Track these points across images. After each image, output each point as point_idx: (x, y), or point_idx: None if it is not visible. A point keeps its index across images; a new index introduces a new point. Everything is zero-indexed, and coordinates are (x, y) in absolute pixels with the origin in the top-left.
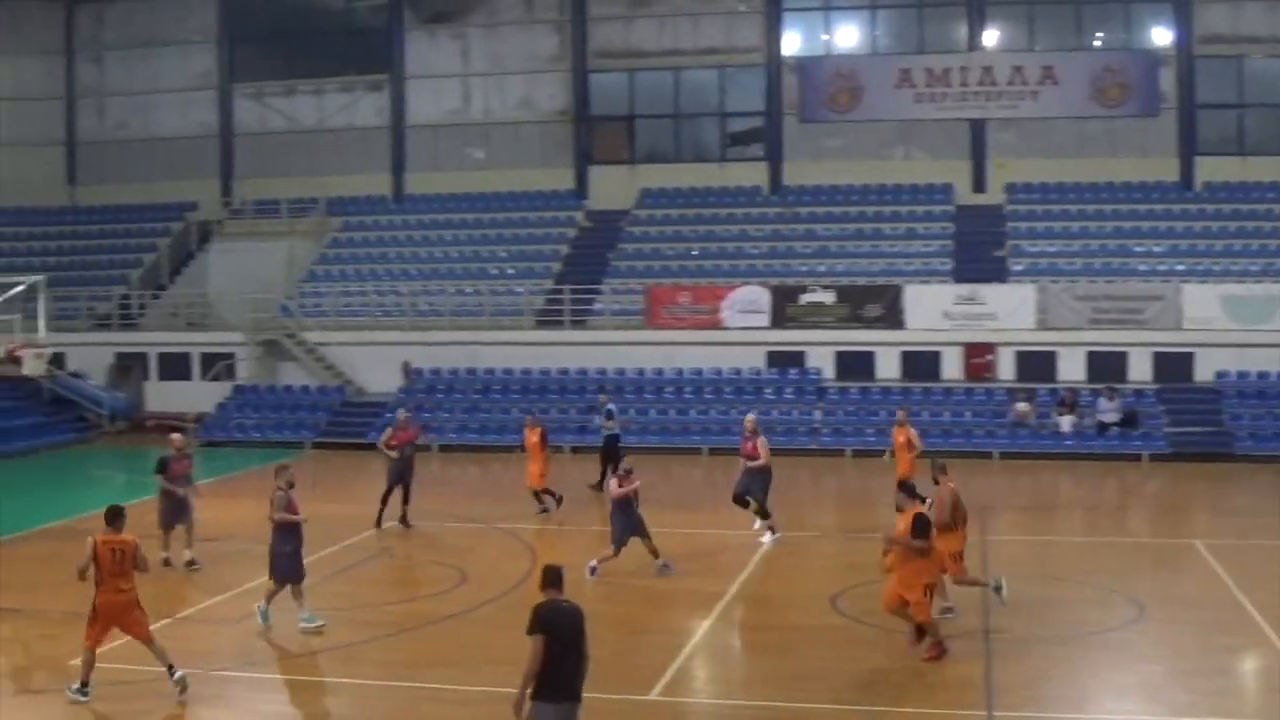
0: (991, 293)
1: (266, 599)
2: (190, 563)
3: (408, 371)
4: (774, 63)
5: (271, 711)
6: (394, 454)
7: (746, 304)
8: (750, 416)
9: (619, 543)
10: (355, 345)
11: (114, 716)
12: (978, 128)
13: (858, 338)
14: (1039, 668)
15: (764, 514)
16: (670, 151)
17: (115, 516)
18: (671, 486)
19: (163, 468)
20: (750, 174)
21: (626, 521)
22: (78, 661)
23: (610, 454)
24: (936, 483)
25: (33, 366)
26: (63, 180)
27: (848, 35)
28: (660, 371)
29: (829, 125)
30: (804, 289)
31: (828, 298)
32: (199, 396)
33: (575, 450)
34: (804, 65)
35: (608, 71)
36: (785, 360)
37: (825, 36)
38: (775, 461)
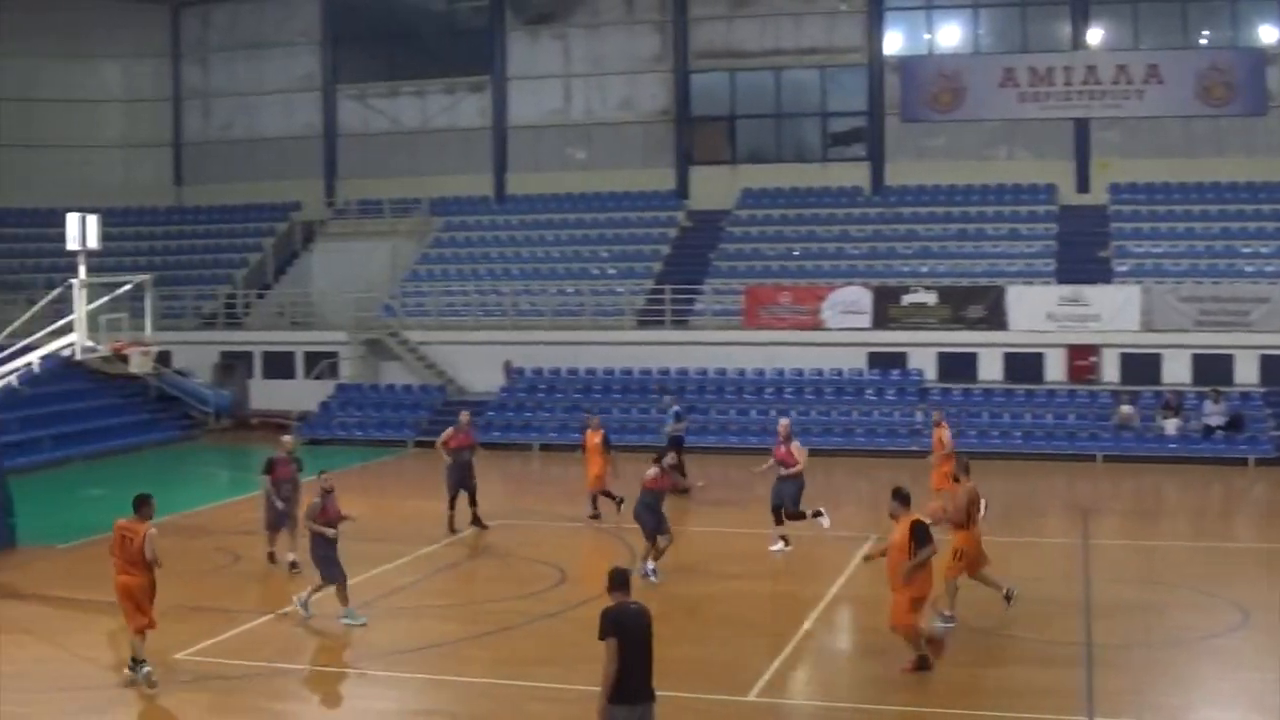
0: (1095, 294)
1: (309, 592)
2: (293, 564)
3: (509, 371)
4: (876, 62)
5: (373, 708)
6: (449, 457)
7: (847, 304)
8: (784, 420)
9: (652, 537)
10: (457, 344)
11: (217, 709)
12: (1081, 127)
13: (960, 339)
14: (1141, 674)
15: (784, 519)
16: (771, 151)
17: (139, 504)
18: (770, 488)
19: (270, 469)
20: (852, 174)
21: (656, 513)
22: (182, 655)
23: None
24: (957, 480)
25: (140, 364)
26: (170, 181)
27: (950, 34)
28: (761, 372)
29: (931, 125)
30: (906, 290)
31: (930, 298)
32: (302, 395)
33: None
34: (906, 65)
35: (709, 71)
36: (886, 361)
37: (927, 36)
38: (877, 463)
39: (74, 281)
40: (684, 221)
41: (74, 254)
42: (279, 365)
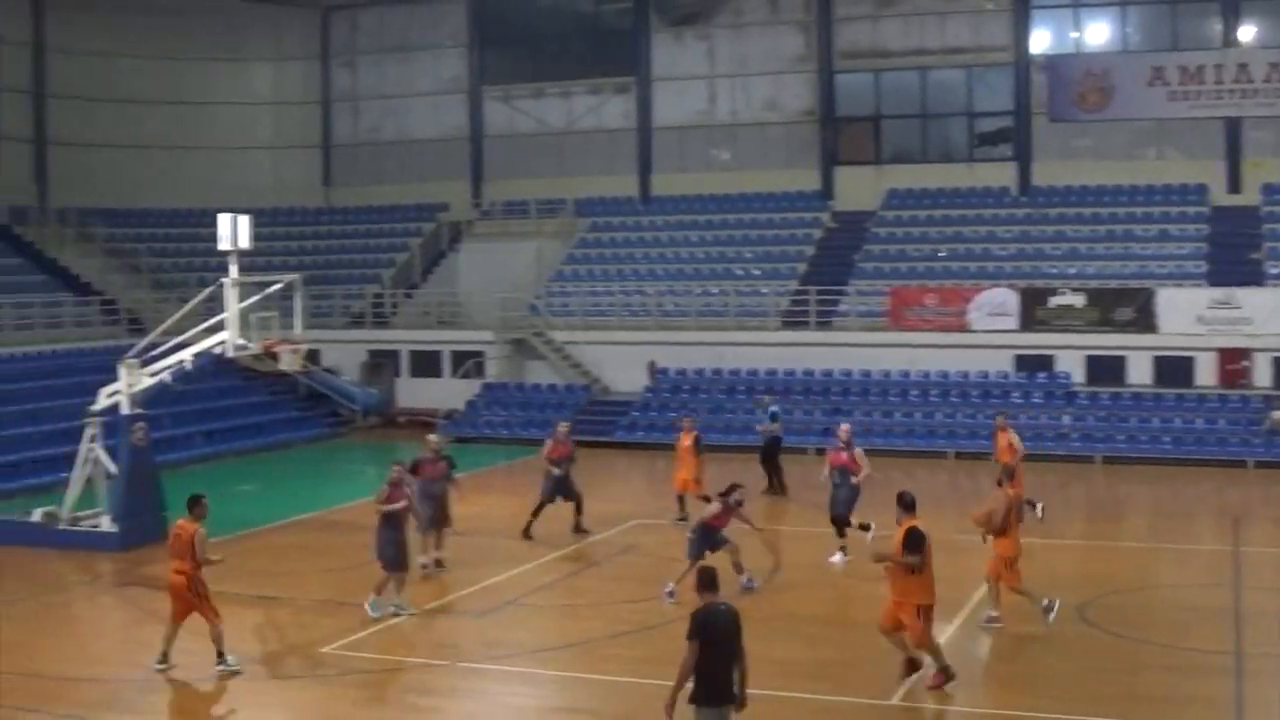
0: (1248, 296)
1: (376, 591)
2: (437, 563)
3: (653, 371)
4: (1022, 61)
5: (516, 704)
6: (557, 470)
7: (994, 306)
8: (845, 425)
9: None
10: (602, 344)
11: (364, 703)
12: (1233, 126)
13: (1108, 341)
14: None
15: (844, 529)
16: (917, 152)
17: (191, 505)
18: (915, 490)
19: (415, 469)
20: (998, 174)
21: (704, 547)
22: (329, 649)
23: (771, 457)
24: (1000, 485)
25: (289, 362)
26: (319, 182)
27: (1098, 33)
28: (905, 374)
29: (1079, 125)
30: (1053, 291)
31: (1078, 300)
32: (449, 393)
33: (819, 452)
34: (1053, 63)
35: (854, 72)
36: (1033, 364)
37: (1075, 34)
38: (1024, 467)
39: (225, 281)
40: (828, 222)
41: (226, 254)
42: (426, 364)
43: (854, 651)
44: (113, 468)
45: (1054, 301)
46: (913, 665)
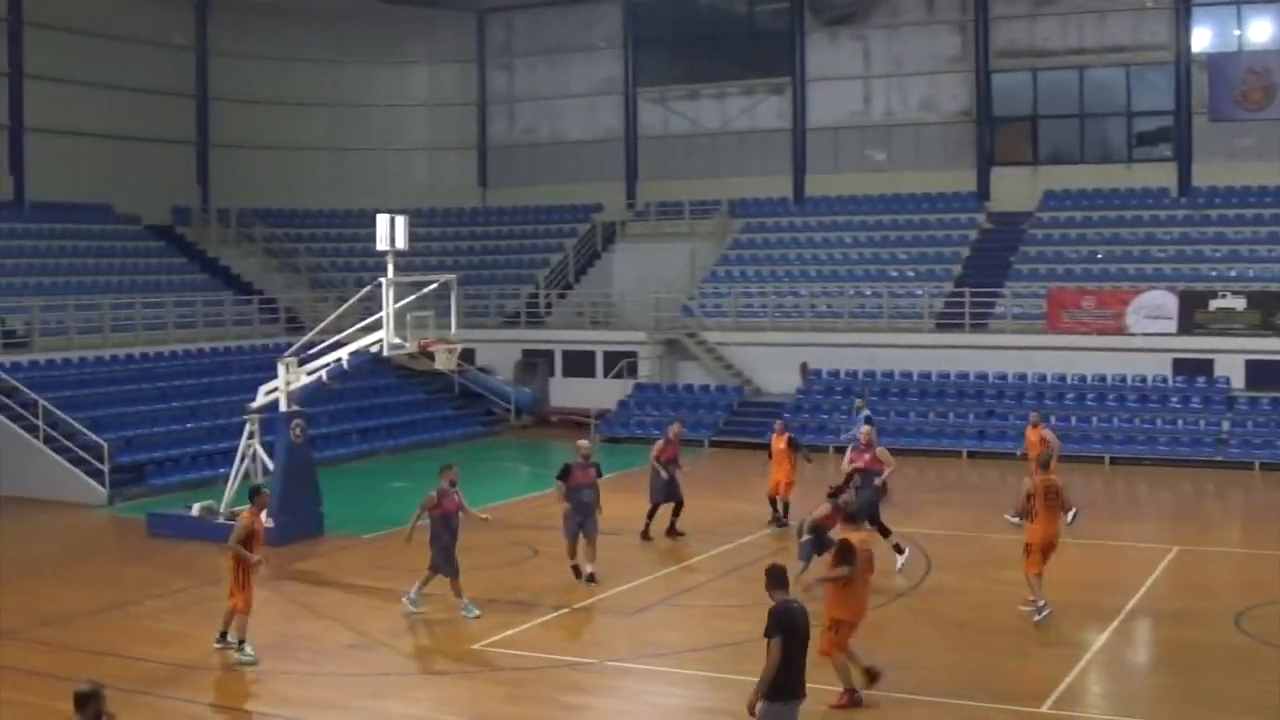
0: None
1: (421, 584)
2: (590, 577)
3: (805, 372)
4: (1183, 60)
5: (663, 704)
6: (663, 471)
7: (1152, 309)
8: (867, 427)
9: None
10: (754, 345)
11: (512, 699)
12: None
13: (1270, 346)
14: None
15: (885, 531)
16: (1074, 152)
17: (251, 495)
18: (1072, 496)
19: (565, 474)
20: (1158, 175)
21: (815, 548)
22: (479, 646)
23: None
24: (1037, 472)
25: (444, 361)
26: (475, 182)
27: (1261, 30)
28: (1061, 377)
29: (1240, 124)
30: (1214, 294)
31: (1239, 304)
32: (601, 393)
33: (971, 455)
34: (1214, 62)
35: (1011, 71)
36: (1192, 368)
37: (1237, 32)
38: (1181, 474)
39: (382, 280)
40: (984, 223)
41: (383, 254)
42: (579, 364)
43: (1003, 657)
44: (270, 464)
45: (1214, 304)
46: (871, 675)
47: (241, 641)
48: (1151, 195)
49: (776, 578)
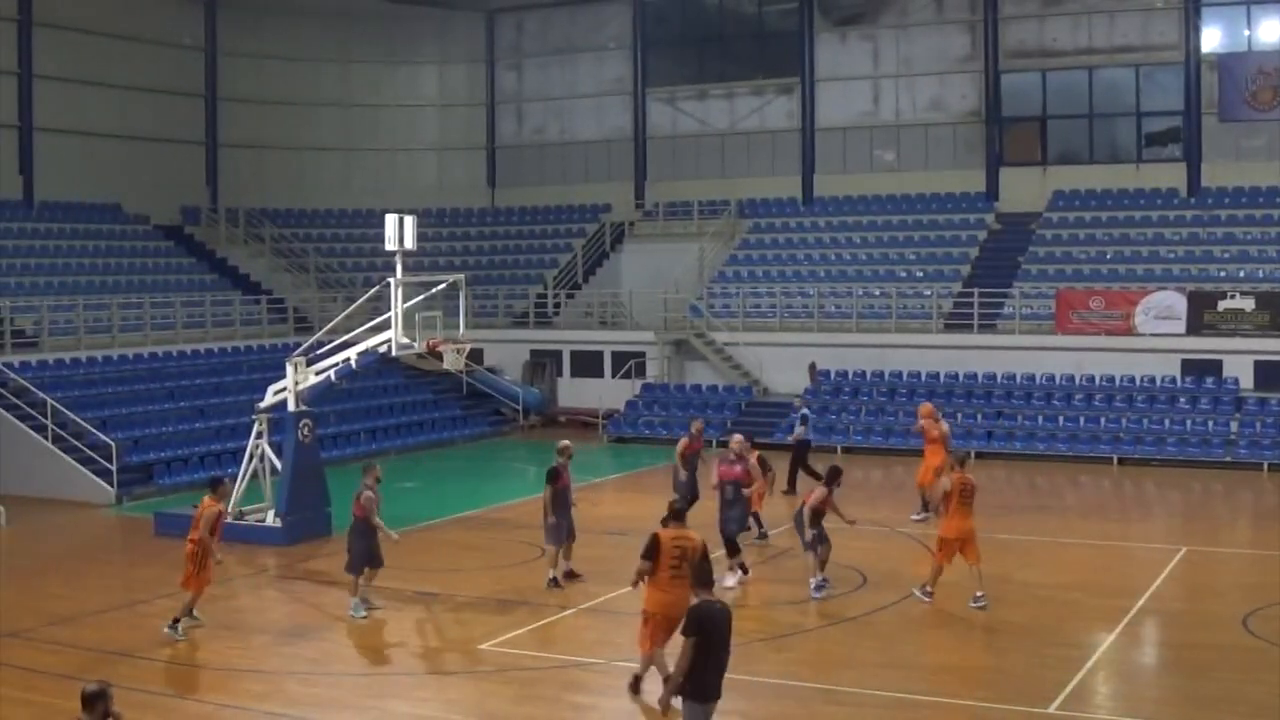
0: None
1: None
2: (569, 574)
3: (813, 372)
4: (1192, 60)
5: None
6: (684, 469)
7: (1161, 310)
8: (738, 436)
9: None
10: (762, 346)
11: (520, 700)
12: None
13: (1278, 346)
14: None
15: (737, 549)
16: (1084, 152)
17: (213, 485)
18: (1080, 496)
19: (555, 477)
20: (1167, 175)
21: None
22: (487, 646)
23: (800, 460)
24: (953, 469)
25: (452, 361)
26: (483, 183)
27: (1271, 30)
28: (1070, 378)
29: (1250, 124)
30: (1223, 295)
31: (1247, 304)
32: (609, 393)
33: (979, 456)
34: (1224, 62)
35: (1020, 71)
36: (1201, 369)
37: (1246, 32)
38: (1189, 474)
39: (391, 280)
40: (993, 224)
41: (391, 254)
42: (587, 364)
43: (1010, 658)
44: (279, 463)
45: (1223, 305)
46: (634, 685)
47: (176, 620)
48: (1161, 196)
49: (701, 577)
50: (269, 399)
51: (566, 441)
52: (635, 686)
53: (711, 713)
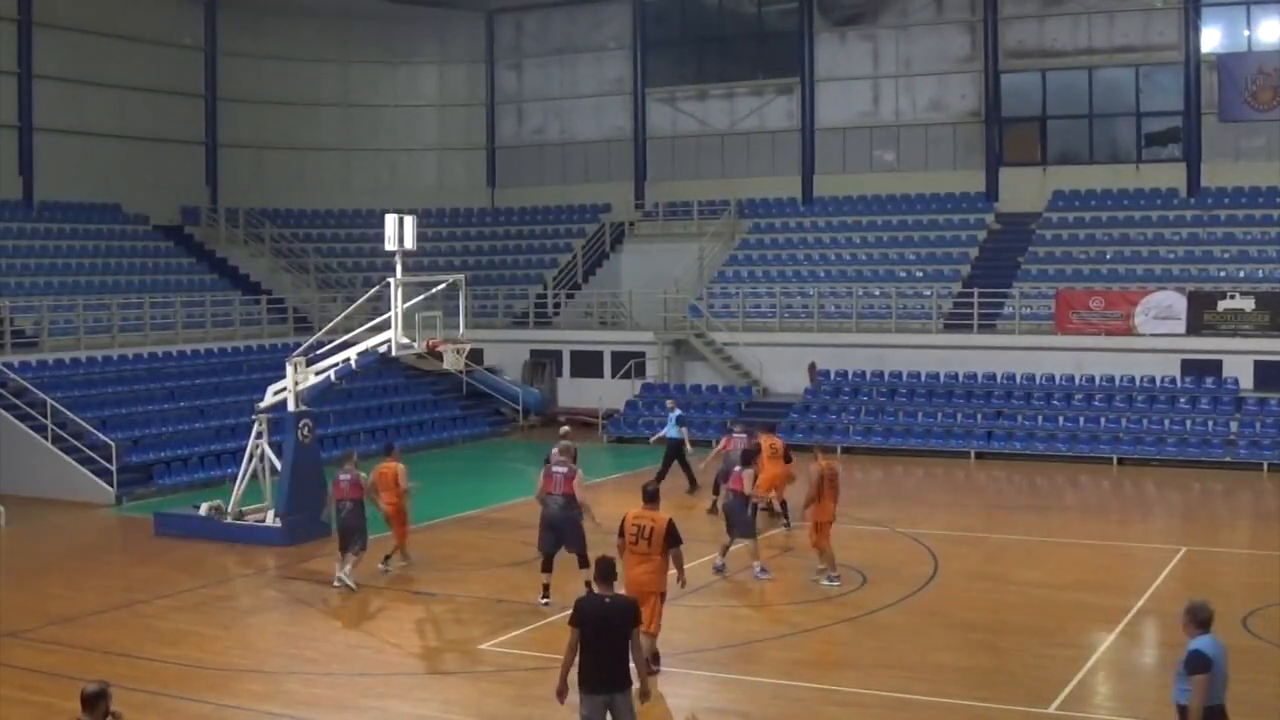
0: None
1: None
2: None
3: (813, 372)
4: (1192, 60)
5: (670, 704)
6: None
7: (1161, 310)
8: (565, 443)
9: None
10: (762, 346)
11: (520, 700)
12: None
13: (1278, 346)
14: None
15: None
16: (1083, 153)
17: (386, 450)
18: (1080, 496)
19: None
20: (1166, 176)
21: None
22: (487, 646)
23: (671, 458)
24: (816, 459)
25: (451, 361)
26: (483, 183)
27: (1271, 30)
28: (1070, 378)
29: (1250, 124)
30: (1222, 295)
31: (1247, 304)
32: (609, 393)
33: (979, 456)
34: (1224, 62)
35: (1020, 72)
36: (1201, 368)
37: (1246, 32)
38: (1189, 474)
39: (391, 280)
40: (993, 224)
41: (391, 254)
42: (587, 364)
43: (1010, 658)
44: (278, 464)
45: (1222, 305)
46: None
47: (388, 557)
48: (1160, 196)
49: (598, 570)
50: (269, 399)
51: (566, 430)
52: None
53: (605, 705)
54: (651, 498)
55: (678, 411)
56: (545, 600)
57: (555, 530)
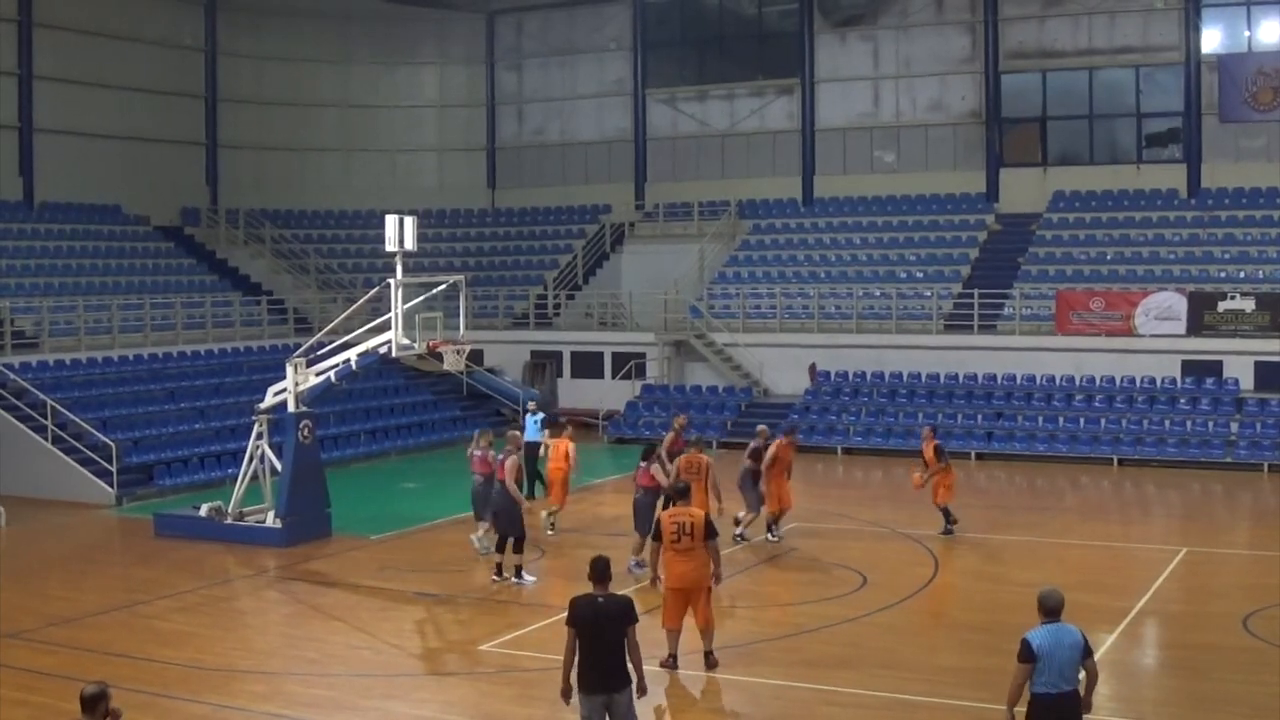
0: None
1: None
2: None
3: (813, 373)
4: (1193, 61)
5: (672, 705)
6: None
7: (1161, 310)
8: (486, 430)
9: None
10: (763, 347)
11: (521, 700)
12: None
13: (1278, 347)
14: None
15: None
16: (1083, 153)
17: (554, 429)
18: (1080, 497)
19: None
20: (1167, 176)
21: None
22: (487, 647)
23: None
24: (700, 451)
25: (452, 362)
26: (484, 184)
27: (1271, 31)
28: (1070, 379)
29: (1250, 125)
30: (1223, 296)
31: (1247, 305)
32: (609, 394)
33: (979, 457)
34: (1224, 63)
35: (1020, 72)
36: (1201, 369)
37: (1247, 33)
38: (1189, 475)
39: (391, 281)
40: (993, 225)
41: (391, 255)
42: (587, 365)
43: (1011, 659)
44: (279, 465)
45: (1223, 306)
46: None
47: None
48: (1161, 196)
49: (592, 570)
50: (269, 400)
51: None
52: (669, 663)
53: (603, 705)
54: (683, 494)
55: (542, 414)
56: (495, 578)
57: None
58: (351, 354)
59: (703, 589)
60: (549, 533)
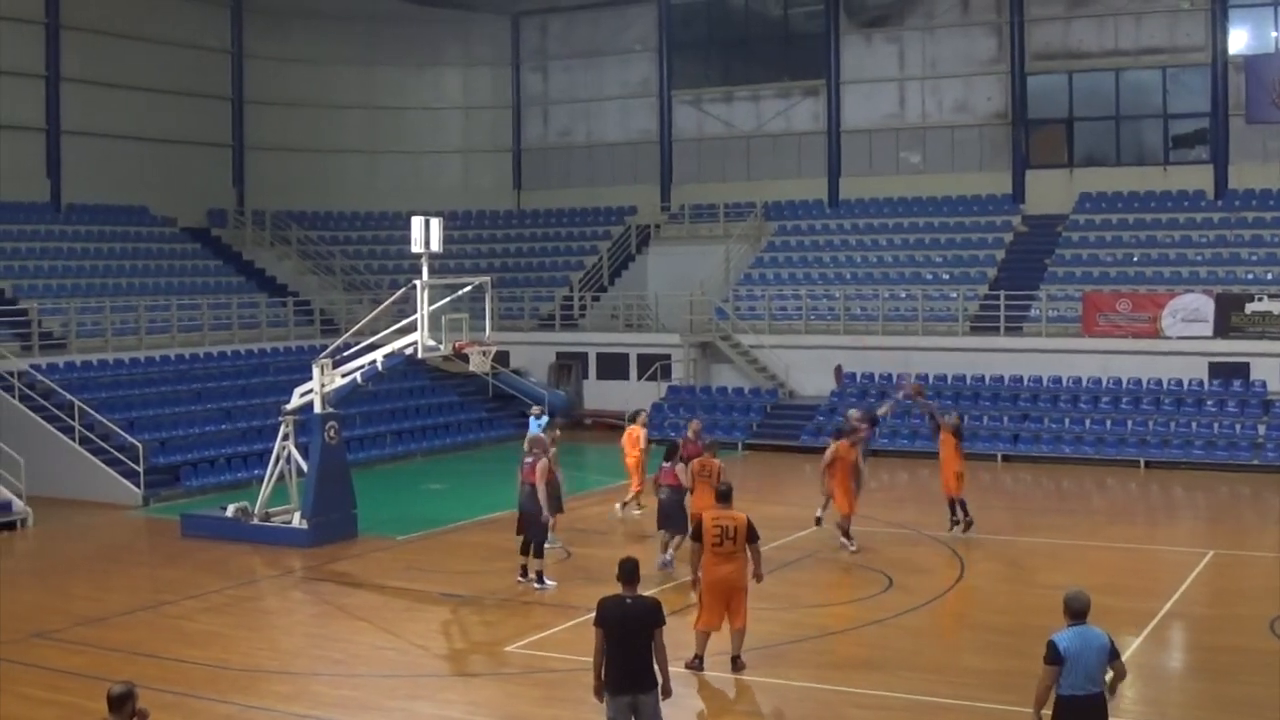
0: None
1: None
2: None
3: (839, 375)
4: (1219, 62)
5: (693, 707)
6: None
7: (1188, 312)
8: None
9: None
10: (788, 348)
11: (546, 702)
12: None
13: None
14: None
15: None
16: (1110, 155)
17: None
18: (1107, 499)
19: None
20: (1193, 178)
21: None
22: (513, 648)
23: None
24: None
25: (478, 363)
26: (509, 185)
27: None
28: (1097, 381)
29: (1277, 126)
30: (1250, 297)
31: (1275, 307)
32: (635, 396)
33: (1006, 459)
34: (1251, 63)
35: (1046, 74)
36: (1228, 372)
37: (1274, 33)
38: (1216, 477)
39: (417, 282)
40: (1019, 226)
41: (417, 256)
42: (613, 366)
43: (1037, 662)
44: (305, 465)
45: (1250, 308)
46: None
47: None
48: (1187, 198)
49: (620, 572)
50: (295, 401)
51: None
52: (695, 665)
53: (629, 705)
54: (725, 496)
55: (547, 416)
56: (519, 579)
57: (521, 516)
58: (378, 355)
59: (741, 590)
60: (635, 513)
